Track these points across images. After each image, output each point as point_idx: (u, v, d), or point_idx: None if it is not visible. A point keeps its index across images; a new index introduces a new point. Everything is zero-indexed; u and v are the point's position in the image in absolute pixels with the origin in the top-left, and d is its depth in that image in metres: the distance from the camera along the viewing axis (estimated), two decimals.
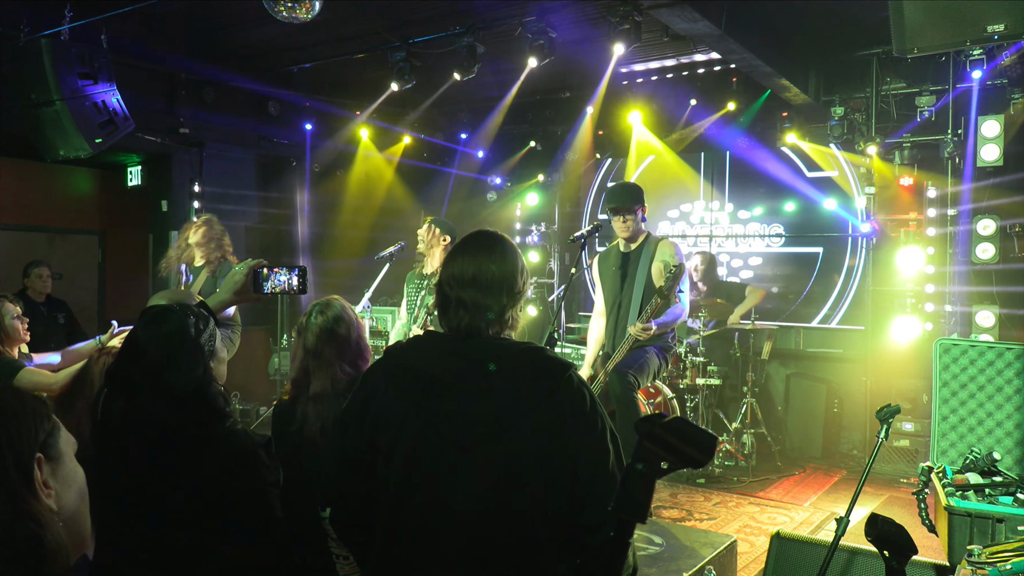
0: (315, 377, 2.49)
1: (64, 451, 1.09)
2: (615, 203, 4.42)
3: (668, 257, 4.30)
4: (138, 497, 1.75)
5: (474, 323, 1.70)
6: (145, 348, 1.81)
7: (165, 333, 1.83)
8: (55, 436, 1.08)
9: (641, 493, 0.98)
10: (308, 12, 4.55)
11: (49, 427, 1.07)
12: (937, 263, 6.43)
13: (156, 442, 1.76)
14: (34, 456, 1.02)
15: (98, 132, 5.48)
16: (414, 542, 1.65)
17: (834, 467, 6.63)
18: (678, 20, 4.87)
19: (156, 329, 1.84)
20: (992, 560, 2.35)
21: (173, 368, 1.80)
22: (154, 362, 1.80)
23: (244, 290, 2.15)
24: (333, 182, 8.94)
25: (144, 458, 1.76)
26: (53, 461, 1.06)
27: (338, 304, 2.63)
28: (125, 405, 1.78)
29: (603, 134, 8.45)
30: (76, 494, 1.09)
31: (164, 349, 1.81)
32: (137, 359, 1.81)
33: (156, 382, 1.78)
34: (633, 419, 3.94)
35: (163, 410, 1.76)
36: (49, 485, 1.04)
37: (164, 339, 1.82)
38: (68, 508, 1.06)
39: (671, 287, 3.99)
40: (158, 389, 1.78)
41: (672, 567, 3.31)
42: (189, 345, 1.85)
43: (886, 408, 2.88)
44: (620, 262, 4.48)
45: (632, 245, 4.46)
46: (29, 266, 6.37)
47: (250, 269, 2.16)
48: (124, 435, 1.76)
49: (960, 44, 4.07)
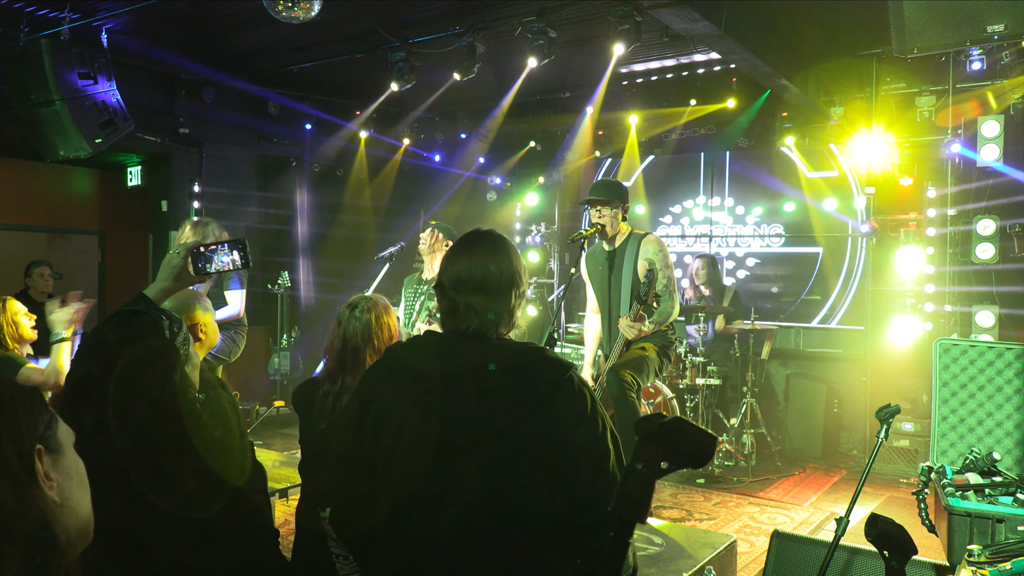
0: (350, 373, 2.55)
1: (64, 443, 1.08)
2: (589, 195, 4.40)
3: (652, 255, 4.26)
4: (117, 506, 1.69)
5: (481, 325, 1.70)
6: (117, 353, 1.70)
7: (137, 337, 1.75)
8: (54, 428, 1.07)
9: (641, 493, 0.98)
10: (307, 12, 4.55)
11: (47, 419, 1.06)
12: (937, 263, 6.43)
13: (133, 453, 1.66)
14: (35, 447, 1.01)
15: (98, 132, 5.49)
16: (414, 542, 1.65)
17: (834, 467, 6.63)
18: (678, 20, 4.87)
19: (127, 333, 1.75)
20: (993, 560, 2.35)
21: (149, 374, 1.71)
22: (126, 369, 1.68)
23: (183, 275, 2.05)
24: (333, 182, 8.94)
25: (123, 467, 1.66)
26: (54, 452, 1.05)
27: (382, 305, 2.67)
28: (96, 417, 1.65)
29: (603, 134, 8.45)
30: (78, 485, 1.08)
31: (137, 355, 1.71)
32: (108, 365, 1.69)
33: (130, 388, 1.67)
34: (631, 419, 3.92)
35: (141, 419, 1.66)
36: (51, 477, 1.03)
37: (136, 343, 1.73)
38: (71, 499, 1.05)
39: (648, 292, 3.95)
40: (131, 396, 1.67)
41: (672, 567, 3.31)
42: (164, 350, 1.76)
43: (886, 408, 2.88)
44: (606, 261, 4.43)
45: (616, 243, 4.42)
46: (31, 266, 6.37)
47: (188, 251, 2.07)
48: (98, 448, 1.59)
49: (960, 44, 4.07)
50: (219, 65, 7.24)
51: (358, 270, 7.78)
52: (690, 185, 8.38)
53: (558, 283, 8.91)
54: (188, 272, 2.07)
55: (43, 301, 6.26)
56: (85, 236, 8.81)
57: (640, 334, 4.07)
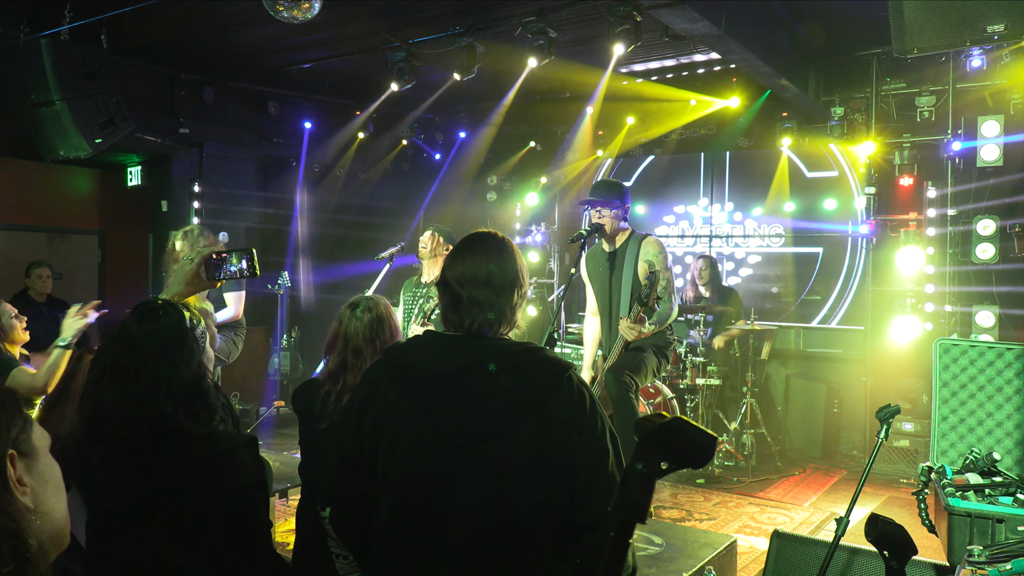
0: (351, 372, 2.56)
1: (38, 446, 1.05)
2: (589, 196, 4.40)
3: (652, 256, 4.25)
4: (131, 490, 1.74)
5: (484, 323, 1.71)
6: (140, 341, 1.79)
7: (162, 327, 1.81)
8: (27, 432, 1.04)
9: (641, 493, 0.98)
10: (306, 12, 4.54)
11: (21, 422, 1.03)
12: (937, 263, 6.43)
13: (153, 431, 1.73)
14: (7, 452, 0.98)
15: (98, 132, 5.48)
16: (414, 542, 1.65)
17: (834, 467, 6.63)
18: (678, 20, 4.86)
19: (152, 323, 1.81)
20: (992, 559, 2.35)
21: (170, 361, 1.78)
22: (150, 354, 1.77)
23: (194, 280, 2.15)
24: (333, 182, 8.94)
25: (141, 446, 1.74)
26: (27, 457, 1.02)
27: (384, 305, 2.68)
28: (120, 393, 1.74)
29: (603, 134, 8.45)
30: (52, 490, 1.06)
31: (160, 342, 1.79)
32: (132, 350, 1.78)
33: (153, 374, 1.75)
34: (630, 420, 3.92)
35: (162, 401, 1.74)
36: (24, 482, 1.00)
37: (160, 332, 1.80)
38: (44, 505, 1.03)
39: (649, 295, 3.95)
40: (155, 380, 1.75)
41: (672, 567, 3.31)
42: (185, 339, 1.83)
43: (886, 408, 2.88)
44: (606, 262, 4.42)
45: (615, 244, 4.42)
46: (30, 266, 6.37)
47: (202, 259, 2.17)
48: (118, 424, 1.73)
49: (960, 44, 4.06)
50: (219, 65, 7.24)
51: (358, 270, 7.78)
52: (690, 185, 8.37)
53: (558, 283, 8.91)
54: (200, 278, 2.16)
55: (42, 301, 6.31)
56: (85, 236, 8.81)
57: (640, 336, 4.07)
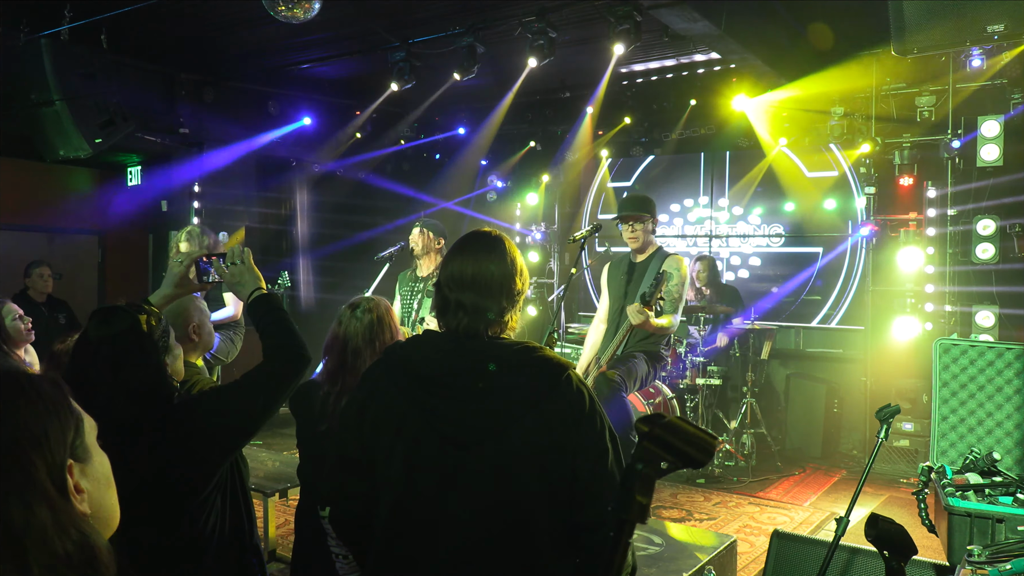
0: (350, 373, 2.55)
1: (90, 444, 1.00)
2: (622, 211, 4.45)
3: (669, 268, 4.29)
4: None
5: (473, 325, 1.70)
6: (98, 348, 1.84)
7: (116, 332, 1.86)
8: (81, 433, 0.98)
9: (641, 493, 0.98)
10: (306, 12, 4.54)
11: (74, 424, 0.97)
12: (937, 263, 6.42)
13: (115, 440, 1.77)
14: (66, 464, 0.93)
15: (98, 132, 5.49)
16: (413, 541, 1.65)
17: (834, 467, 6.63)
18: (678, 20, 4.87)
19: (107, 329, 1.86)
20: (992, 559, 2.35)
21: (127, 366, 1.83)
22: (107, 361, 1.83)
23: (184, 282, 2.18)
24: (333, 182, 8.93)
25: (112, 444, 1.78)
26: (82, 461, 0.97)
27: (384, 306, 2.67)
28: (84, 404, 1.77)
29: (603, 134, 8.45)
30: (104, 485, 1.00)
31: (116, 348, 1.84)
32: (91, 359, 1.84)
33: (112, 380, 1.81)
34: (620, 418, 3.95)
35: (121, 407, 1.80)
36: (81, 489, 0.95)
37: (116, 338, 1.85)
38: (99, 503, 0.98)
39: (653, 294, 3.95)
40: (114, 387, 1.81)
41: (672, 567, 3.31)
42: (141, 343, 1.88)
43: (886, 408, 2.88)
44: (628, 272, 4.49)
45: (641, 256, 4.46)
46: (30, 266, 6.35)
47: (191, 261, 2.20)
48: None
49: (960, 44, 4.08)
50: (219, 65, 7.23)
51: (358, 270, 7.77)
52: (690, 185, 8.38)
53: (558, 283, 8.91)
54: (189, 280, 2.19)
55: (42, 301, 6.30)
56: (85, 236, 8.80)
57: (647, 322, 4.00)
